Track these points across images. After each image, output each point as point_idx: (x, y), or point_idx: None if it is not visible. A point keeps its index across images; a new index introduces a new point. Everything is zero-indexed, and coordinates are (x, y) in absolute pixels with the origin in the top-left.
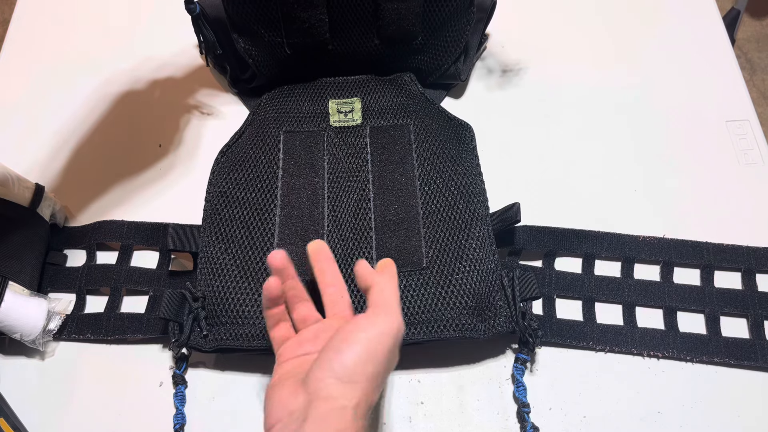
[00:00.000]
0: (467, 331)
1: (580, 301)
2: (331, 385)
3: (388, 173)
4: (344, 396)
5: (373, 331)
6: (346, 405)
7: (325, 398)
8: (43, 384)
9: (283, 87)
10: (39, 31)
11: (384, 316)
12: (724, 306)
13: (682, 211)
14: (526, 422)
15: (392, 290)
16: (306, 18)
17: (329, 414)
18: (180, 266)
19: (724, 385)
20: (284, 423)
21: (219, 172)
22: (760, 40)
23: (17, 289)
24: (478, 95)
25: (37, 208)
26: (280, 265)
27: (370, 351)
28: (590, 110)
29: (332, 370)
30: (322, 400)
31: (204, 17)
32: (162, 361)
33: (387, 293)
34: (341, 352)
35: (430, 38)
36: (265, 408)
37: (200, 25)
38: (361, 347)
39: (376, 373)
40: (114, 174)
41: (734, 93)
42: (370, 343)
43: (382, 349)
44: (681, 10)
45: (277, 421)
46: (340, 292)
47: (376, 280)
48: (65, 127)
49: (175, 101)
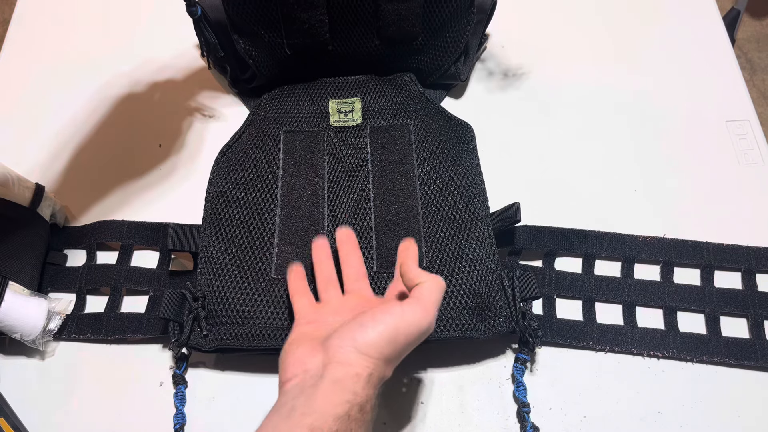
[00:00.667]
0: (467, 331)
1: (580, 301)
2: (350, 353)
3: (388, 173)
4: (360, 364)
5: (403, 320)
6: (360, 372)
7: (340, 362)
8: (43, 384)
9: (283, 87)
10: (39, 31)
11: (420, 310)
12: (724, 306)
13: (682, 211)
14: (526, 422)
15: (438, 293)
16: (306, 19)
17: (344, 377)
18: (180, 266)
19: (724, 385)
20: (300, 379)
21: (219, 172)
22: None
23: (17, 289)
24: (478, 95)
25: (37, 208)
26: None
27: (392, 335)
28: (590, 110)
29: (353, 340)
30: (338, 363)
31: (205, 19)
32: (162, 361)
33: (432, 293)
34: (366, 327)
35: (431, 39)
36: (282, 363)
37: (202, 28)
38: (385, 329)
39: (392, 355)
40: (114, 174)
41: (734, 93)
42: (397, 329)
43: (405, 338)
44: (681, 10)
45: (293, 376)
46: (362, 272)
47: (426, 278)
48: (65, 127)
49: (175, 102)
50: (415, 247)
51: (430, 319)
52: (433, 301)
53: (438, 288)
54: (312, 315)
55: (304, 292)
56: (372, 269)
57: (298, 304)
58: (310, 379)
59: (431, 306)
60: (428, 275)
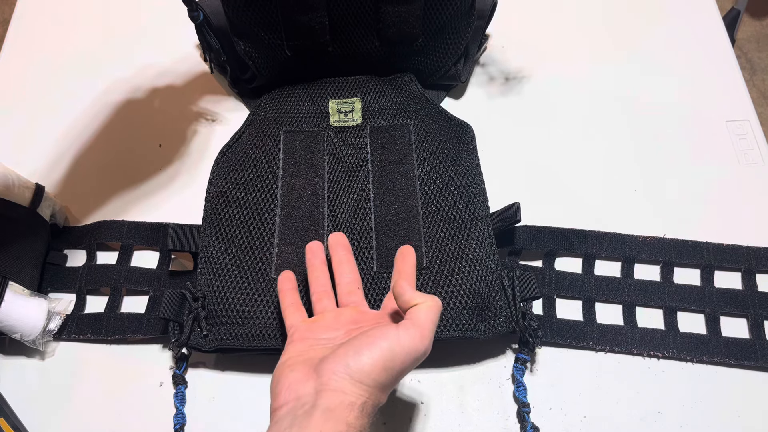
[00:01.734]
0: (467, 331)
1: (580, 301)
2: (343, 380)
3: (388, 173)
4: (353, 393)
5: (399, 345)
6: (354, 401)
7: (334, 390)
8: (43, 384)
9: (283, 87)
10: (39, 32)
11: (417, 334)
12: (724, 306)
13: (682, 211)
14: (526, 422)
15: (435, 315)
16: (306, 21)
17: (338, 406)
18: (180, 266)
19: (724, 385)
20: (292, 406)
21: (219, 172)
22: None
23: (17, 289)
24: (478, 95)
25: (38, 208)
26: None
27: (387, 362)
28: (590, 110)
29: (347, 366)
30: (331, 391)
31: (207, 24)
32: (162, 361)
33: (427, 316)
34: (360, 353)
35: (431, 40)
36: (274, 388)
37: (204, 33)
38: (381, 355)
39: (387, 382)
40: (114, 174)
41: (734, 93)
42: (393, 355)
43: (401, 364)
44: (681, 10)
45: (285, 403)
46: (356, 283)
47: (422, 300)
48: (65, 126)
49: (175, 103)
50: (412, 255)
51: (427, 344)
52: (430, 325)
53: (435, 310)
54: (304, 332)
55: (297, 306)
56: (372, 269)
57: (290, 319)
58: (302, 407)
59: (428, 329)
60: (424, 296)
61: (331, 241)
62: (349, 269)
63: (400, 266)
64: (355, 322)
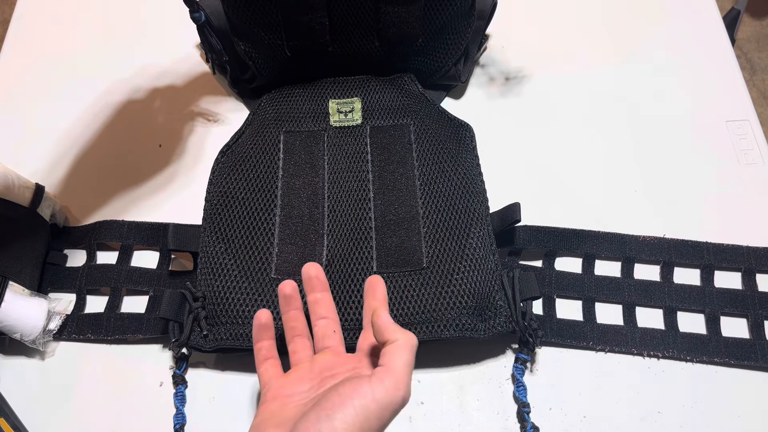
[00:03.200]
0: (467, 331)
1: (580, 301)
2: None
3: (388, 173)
4: None
5: (374, 401)
6: None
7: None
8: (43, 384)
9: (283, 87)
10: (39, 32)
11: (391, 385)
12: (724, 306)
13: (682, 211)
14: (526, 422)
15: (408, 354)
16: (306, 21)
17: None
18: (180, 266)
19: (724, 385)
20: None
21: (219, 172)
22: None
23: (17, 289)
24: (478, 95)
25: (38, 208)
26: (290, 292)
27: (363, 423)
28: (590, 110)
29: None
30: None
31: (209, 24)
32: (162, 361)
33: (401, 360)
34: (332, 418)
35: (431, 41)
36: None
37: (206, 34)
38: (355, 417)
39: None
40: (114, 174)
41: (734, 93)
42: (367, 413)
43: (378, 422)
44: (681, 10)
45: None
46: (332, 325)
47: (395, 338)
48: (65, 126)
49: (175, 103)
50: (381, 285)
51: (404, 392)
52: (406, 368)
53: (408, 348)
54: (278, 389)
55: (271, 362)
56: (372, 269)
57: (263, 376)
58: None
59: (403, 375)
60: (399, 332)
61: (306, 275)
62: (325, 310)
63: (371, 301)
64: (330, 368)
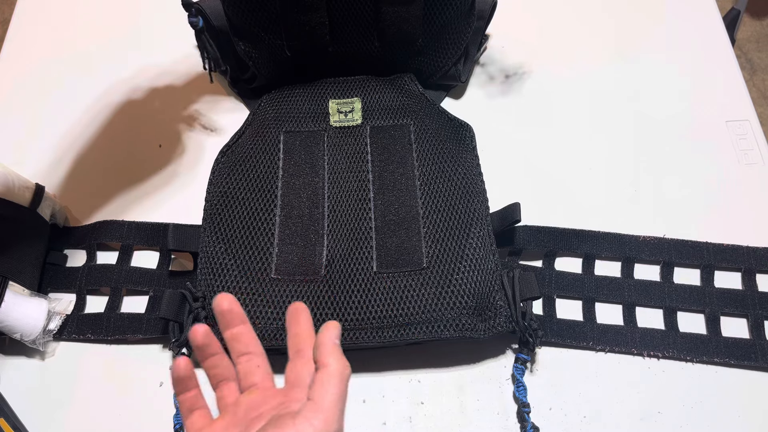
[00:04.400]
0: (467, 331)
1: (580, 301)
2: None
3: (388, 173)
4: None
5: None
6: None
7: None
8: (43, 384)
9: (283, 87)
10: (39, 32)
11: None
12: (724, 306)
13: (682, 211)
14: (526, 422)
15: (338, 390)
16: (306, 21)
17: None
18: (180, 266)
19: (724, 385)
20: None
21: (219, 172)
22: (760, 40)
23: (17, 289)
24: (478, 96)
25: (38, 208)
26: (201, 342)
27: None
28: (590, 110)
29: None
30: None
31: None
32: (162, 361)
33: (330, 394)
34: None
35: (431, 41)
36: None
37: (204, 40)
38: None
39: None
40: (114, 175)
41: (734, 93)
42: None
43: None
44: (681, 10)
45: None
46: (255, 360)
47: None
48: (65, 126)
49: (175, 103)
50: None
51: (336, 428)
52: (336, 404)
53: (338, 378)
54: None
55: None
56: (372, 269)
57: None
58: None
59: (333, 411)
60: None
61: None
62: (245, 345)
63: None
64: (256, 408)
